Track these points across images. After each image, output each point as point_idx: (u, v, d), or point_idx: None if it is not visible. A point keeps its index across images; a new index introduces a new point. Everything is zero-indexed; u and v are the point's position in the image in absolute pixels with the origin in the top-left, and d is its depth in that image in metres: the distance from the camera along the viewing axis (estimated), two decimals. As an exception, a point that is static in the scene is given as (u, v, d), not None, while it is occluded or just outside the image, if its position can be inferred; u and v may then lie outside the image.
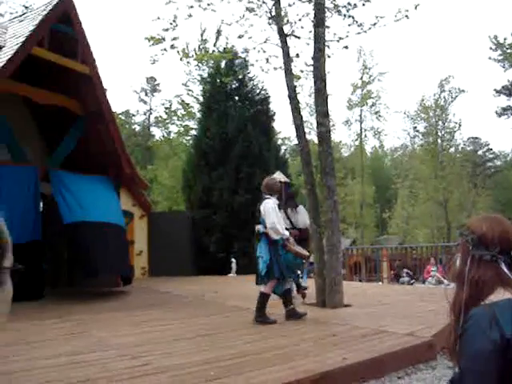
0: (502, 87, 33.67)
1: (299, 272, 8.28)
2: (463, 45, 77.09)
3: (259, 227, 6.09)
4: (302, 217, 8.14)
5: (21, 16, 11.22)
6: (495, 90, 34.53)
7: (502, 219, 1.59)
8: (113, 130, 10.87)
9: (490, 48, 24.76)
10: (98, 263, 9.21)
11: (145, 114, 42.51)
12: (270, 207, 5.98)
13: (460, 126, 34.35)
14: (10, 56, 8.81)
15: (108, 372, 3.80)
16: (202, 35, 24.70)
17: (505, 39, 24.01)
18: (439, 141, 34.84)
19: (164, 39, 8.68)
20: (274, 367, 3.91)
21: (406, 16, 8.36)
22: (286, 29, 8.39)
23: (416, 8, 8.42)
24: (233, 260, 14.25)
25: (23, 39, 9.06)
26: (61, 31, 9.87)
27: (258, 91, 17.42)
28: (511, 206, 39.16)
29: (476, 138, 47.75)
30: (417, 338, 4.85)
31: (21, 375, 3.77)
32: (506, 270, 1.48)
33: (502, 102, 36.62)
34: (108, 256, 9.45)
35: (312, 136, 25.91)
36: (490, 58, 25.04)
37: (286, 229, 6.35)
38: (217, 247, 15.11)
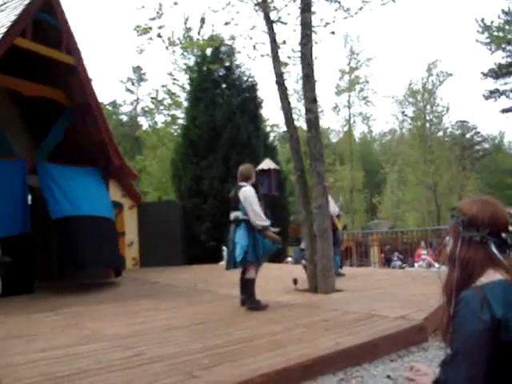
0: (489, 70, 33.74)
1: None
2: (450, 28, 77.17)
3: (238, 214, 6.19)
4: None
5: (1, 6, 11.03)
6: (482, 73, 34.59)
7: (493, 201, 1.60)
8: (100, 120, 10.78)
9: (477, 31, 24.80)
10: (87, 257, 9.19)
11: (132, 104, 42.24)
12: (251, 195, 6.09)
13: (448, 109, 34.46)
14: (-8, 47, 8.68)
15: (102, 363, 3.80)
16: (185, 23, 24.49)
17: (492, 22, 24.06)
18: (427, 125, 34.93)
19: (151, 29, 8.59)
20: (267, 354, 3.92)
21: (393, 0, 8.33)
22: (273, 15, 8.35)
23: (402, -9, 8.38)
24: (223, 248, 14.24)
25: (5, 30, 8.91)
26: (44, 21, 9.73)
27: (245, 78, 17.34)
28: (500, 189, 39.43)
29: (464, 121, 47.93)
30: (408, 321, 4.89)
31: (14, 369, 3.75)
32: (495, 251, 1.48)
33: (489, 85, 36.78)
34: (97, 249, 9.43)
35: (301, 122, 25.90)
36: (477, 41, 25.10)
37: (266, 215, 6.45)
38: (207, 236, 15.12)
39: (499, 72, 32.91)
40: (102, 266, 10.26)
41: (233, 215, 6.27)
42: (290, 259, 17.87)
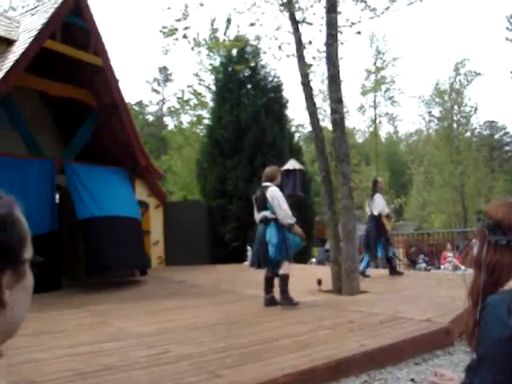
0: (519, 69, 33.18)
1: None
2: (478, 26, 75.87)
3: (266, 213, 6.29)
4: (377, 204, 9.15)
5: (32, 9, 11.27)
6: (512, 72, 34.04)
7: None
8: (127, 121, 10.92)
9: (507, 28, 24.33)
10: (112, 259, 9.33)
11: (158, 104, 42.59)
12: (278, 194, 6.24)
13: (476, 109, 33.87)
14: (23, 50, 8.87)
15: (128, 360, 3.86)
16: (212, 24, 24.61)
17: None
18: (455, 125, 34.40)
19: (177, 30, 8.67)
20: (291, 354, 3.93)
21: (420, -1, 8.25)
22: (298, 15, 8.34)
23: (429, -9, 8.30)
24: (248, 248, 14.28)
25: (36, 33, 9.12)
26: (73, 23, 9.90)
27: (270, 79, 17.33)
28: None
29: (493, 121, 47.10)
30: (434, 324, 4.84)
31: (43, 364, 3.84)
32: None
33: (519, 85, 36.03)
34: (122, 250, 9.56)
35: (326, 123, 25.74)
36: (506, 39, 24.60)
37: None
38: (232, 236, 15.16)
39: (529, 71, 32.25)
40: (128, 267, 10.37)
41: (260, 215, 6.38)
42: (314, 260, 17.82)
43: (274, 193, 6.24)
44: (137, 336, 4.78)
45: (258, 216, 6.45)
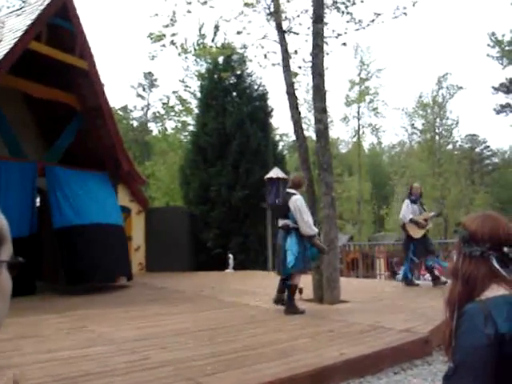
0: (500, 84, 33.63)
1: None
2: (461, 42, 76.98)
3: (288, 222, 6.35)
4: (401, 210, 9.11)
5: (18, 10, 11.19)
6: (493, 87, 34.50)
7: (495, 216, 1.61)
8: (111, 125, 10.88)
9: (488, 45, 24.72)
10: (91, 268, 9.18)
11: (142, 110, 42.40)
12: (302, 205, 6.28)
13: (458, 123, 34.36)
14: (7, 51, 8.80)
15: (107, 366, 3.83)
16: (200, 30, 24.64)
17: (503, 36, 23.97)
18: (437, 138, 34.86)
19: (164, 36, 8.68)
20: (271, 362, 3.94)
21: (404, 13, 8.38)
22: (285, 25, 8.41)
23: (414, 5, 8.44)
24: (230, 256, 14.27)
25: (21, 33, 9.05)
26: (59, 26, 9.86)
27: (256, 87, 17.40)
28: (510, 204, 39.18)
29: (474, 135, 47.75)
30: (413, 334, 4.89)
31: (22, 369, 3.79)
32: (497, 265, 1.49)
33: (500, 100, 36.61)
34: (104, 258, 9.43)
35: (310, 132, 25.92)
36: (488, 56, 25.01)
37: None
38: (214, 243, 15.12)
39: (510, 86, 32.80)
40: (111, 275, 10.01)
41: (282, 222, 6.45)
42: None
43: (297, 203, 6.28)
44: (117, 342, 4.74)
45: (279, 223, 6.56)
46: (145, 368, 3.80)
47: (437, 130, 34.80)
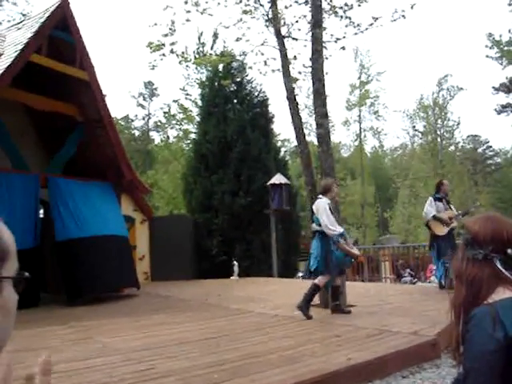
0: (500, 84, 33.62)
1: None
2: (460, 43, 77.05)
3: (312, 225, 6.56)
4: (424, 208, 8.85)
5: (18, 24, 11.26)
6: (493, 87, 34.50)
7: (498, 218, 1.59)
8: (113, 135, 10.89)
9: (487, 46, 24.74)
10: (94, 280, 9.16)
11: (143, 119, 42.54)
12: (322, 206, 6.37)
13: (459, 124, 34.45)
14: (8, 64, 8.84)
15: (113, 377, 3.81)
16: (199, 38, 24.73)
17: (500, 36, 24.00)
18: (439, 139, 34.86)
19: (164, 45, 8.70)
20: (278, 369, 3.91)
21: (403, 16, 8.38)
22: (283, 31, 8.43)
23: (412, 8, 8.45)
24: (234, 263, 14.24)
25: (21, 47, 9.10)
26: (59, 38, 9.90)
27: (256, 94, 17.41)
28: (512, 203, 39.11)
29: (476, 135, 47.68)
30: (421, 337, 4.86)
31: (23, 383, 3.77)
32: (501, 268, 1.48)
33: (500, 100, 36.58)
34: (108, 270, 9.42)
35: (311, 137, 25.96)
36: (487, 56, 25.01)
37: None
38: (218, 250, 15.10)
39: (511, 86, 32.78)
40: (117, 287, 10.06)
41: (312, 227, 6.62)
42: (300, 274, 17.79)
43: (318, 205, 6.41)
44: (122, 352, 4.72)
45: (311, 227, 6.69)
46: (151, 378, 3.78)
47: (438, 132, 34.83)
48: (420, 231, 36.06)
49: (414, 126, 36.38)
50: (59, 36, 9.88)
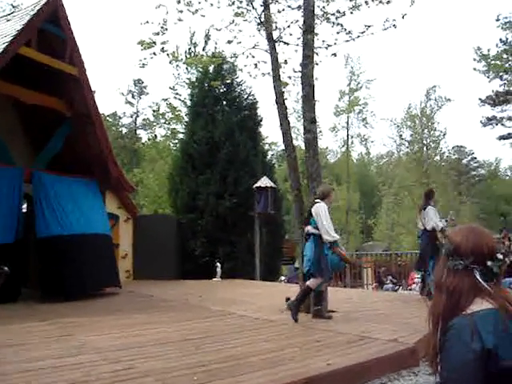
0: (487, 97, 34.06)
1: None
2: (449, 55, 77.93)
3: (308, 228, 6.52)
4: (430, 218, 8.42)
5: (8, 15, 11.15)
6: (480, 99, 34.95)
7: (480, 230, 1.61)
8: (100, 132, 10.83)
9: (475, 59, 25.02)
10: (70, 279, 9.06)
11: (131, 117, 42.34)
12: (322, 210, 6.38)
13: (445, 134, 34.70)
14: (-4, 55, 8.75)
15: (91, 376, 3.78)
16: (191, 39, 24.69)
17: (488, 50, 24.30)
18: (425, 149, 35.13)
19: (155, 43, 8.66)
20: (258, 372, 3.91)
21: (394, 25, 8.44)
22: (275, 35, 8.43)
23: (403, 18, 8.51)
24: (218, 264, 14.23)
25: (10, 39, 9.00)
26: (49, 32, 9.82)
27: (245, 96, 17.43)
28: (495, 215, 39.53)
29: (461, 146, 48.22)
30: (400, 344, 4.89)
31: (3, 378, 3.73)
32: (480, 279, 1.50)
33: (486, 112, 37.02)
34: (88, 270, 9.32)
35: (299, 141, 26.01)
36: (474, 69, 25.29)
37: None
38: (202, 251, 15.07)
39: (496, 99, 33.20)
40: (93, 286, 9.79)
41: (306, 229, 6.59)
42: (283, 278, 17.82)
43: (318, 209, 6.41)
44: (102, 350, 4.69)
45: (305, 230, 6.68)
46: (129, 378, 3.76)
47: (425, 141, 35.09)
48: (403, 238, 36.36)
49: (401, 135, 36.62)
50: (50, 30, 9.81)
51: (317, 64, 8.25)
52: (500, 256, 1.54)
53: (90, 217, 10.06)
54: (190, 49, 24.49)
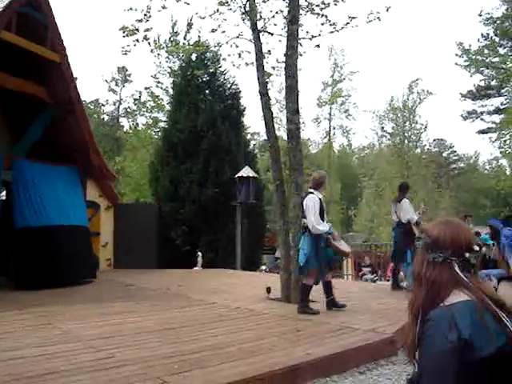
0: (468, 92, 34.42)
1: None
2: (432, 49, 78.43)
3: (304, 220, 6.42)
4: (406, 211, 8.44)
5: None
6: (461, 94, 35.28)
7: (457, 223, 1.65)
8: (81, 119, 10.71)
9: (457, 54, 25.20)
10: (45, 271, 8.95)
11: (114, 104, 41.84)
12: (310, 204, 6.28)
13: (426, 127, 34.93)
14: (-25, 39, 8.58)
15: (72, 365, 3.78)
16: (173, 27, 24.45)
17: (470, 45, 24.46)
18: (406, 141, 35.38)
19: (138, 30, 8.56)
20: (238, 361, 3.95)
21: (378, 18, 8.47)
22: (260, 25, 8.41)
23: (387, 10, 8.54)
24: (199, 253, 14.23)
25: (-11, 22, 8.82)
26: (30, 16, 9.65)
27: (228, 86, 17.38)
28: (474, 208, 40.06)
29: (441, 139, 48.66)
30: (379, 334, 4.96)
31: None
32: (458, 271, 1.53)
33: (467, 106, 37.43)
34: (61, 261, 9.23)
35: (281, 132, 25.96)
36: (456, 64, 25.48)
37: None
38: (183, 240, 15.06)
39: (477, 94, 33.56)
40: (68, 278, 9.47)
41: (302, 221, 6.52)
42: (263, 267, 17.90)
43: (307, 201, 6.33)
44: (83, 339, 4.68)
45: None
46: (110, 366, 3.76)
47: (406, 134, 35.31)
48: (382, 230, 36.68)
49: (383, 127, 36.83)
50: (30, 14, 9.63)
51: (301, 55, 8.26)
52: (476, 248, 1.58)
53: (67, 207, 9.95)
54: (171, 38, 24.27)
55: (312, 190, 6.50)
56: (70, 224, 9.82)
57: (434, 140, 45.62)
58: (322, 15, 8.58)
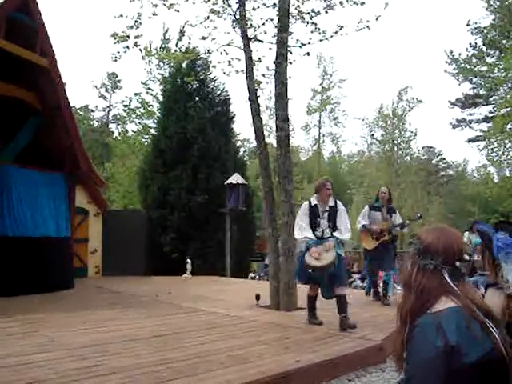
0: (457, 100, 34.72)
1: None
2: (421, 57, 79.09)
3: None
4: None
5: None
6: (450, 102, 35.57)
7: (449, 230, 1.66)
8: (71, 125, 10.64)
9: (446, 62, 25.45)
10: (20, 280, 8.82)
11: (104, 111, 41.75)
12: (299, 212, 6.27)
13: (416, 135, 35.12)
14: (-37, 44, 8.52)
15: (57, 373, 3.73)
16: (164, 34, 24.47)
17: (459, 54, 24.74)
18: (395, 149, 35.55)
19: (128, 37, 8.55)
20: (227, 369, 3.92)
21: (368, 27, 8.52)
22: (250, 32, 8.43)
23: (377, 19, 8.59)
24: (188, 261, 14.17)
25: (-23, 27, 8.77)
26: (19, 20, 9.59)
27: (218, 92, 17.40)
28: (462, 215, 40.35)
29: (430, 147, 49.03)
30: (368, 342, 4.96)
31: None
32: (448, 279, 1.54)
33: (456, 114, 37.73)
34: (39, 272, 9.15)
35: (271, 139, 26.05)
36: (445, 71, 25.73)
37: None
38: (172, 247, 15.00)
39: (466, 102, 33.85)
40: (45, 289, 9.23)
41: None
42: (252, 275, 17.86)
43: (299, 210, 6.25)
44: (69, 347, 4.63)
45: None
46: (96, 375, 3.72)
47: (395, 141, 35.49)
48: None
49: (373, 135, 36.99)
50: (20, 19, 9.57)
51: (290, 63, 8.30)
52: (467, 257, 1.59)
53: (48, 217, 9.90)
54: (162, 45, 24.28)
55: (313, 197, 6.42)
56: (49, 236, 9.76)
57: (424, 147, 45.93)
58: (312, 23, 8.63)
